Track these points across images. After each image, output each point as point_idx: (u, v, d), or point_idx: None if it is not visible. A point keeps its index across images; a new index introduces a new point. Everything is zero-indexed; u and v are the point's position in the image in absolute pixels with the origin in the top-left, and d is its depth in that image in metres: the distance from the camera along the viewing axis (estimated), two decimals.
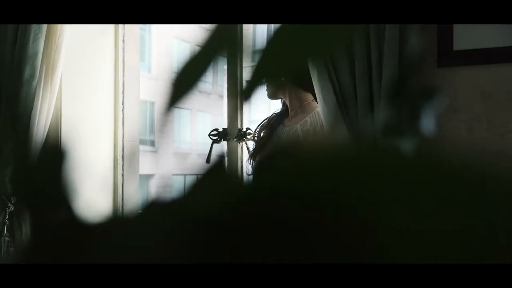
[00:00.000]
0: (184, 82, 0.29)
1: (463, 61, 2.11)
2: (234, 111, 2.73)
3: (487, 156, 0.26)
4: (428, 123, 0.38)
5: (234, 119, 2.73)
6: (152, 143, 16.15)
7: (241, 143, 2.71)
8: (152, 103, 15.97)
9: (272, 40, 0.29)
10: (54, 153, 0.30)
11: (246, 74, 2.84)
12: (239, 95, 2.71)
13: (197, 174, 0.26)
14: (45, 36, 2.56)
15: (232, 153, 2.74)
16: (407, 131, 0.37)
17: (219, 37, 0.29)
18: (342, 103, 2.07)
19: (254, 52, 0.31)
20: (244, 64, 2.79)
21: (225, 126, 2.71)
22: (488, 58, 2.08)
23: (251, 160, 2.37)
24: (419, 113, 0.38)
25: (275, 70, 0.30)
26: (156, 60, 16.40)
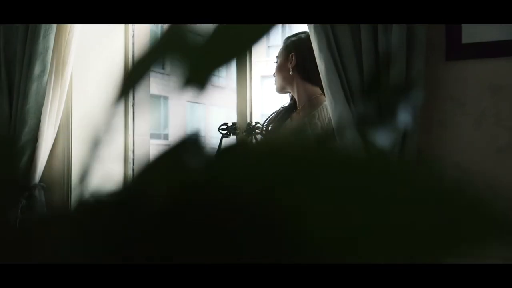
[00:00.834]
0: (132, 77, 0.30)
1: (471, 54, 2.10)
2: (243, 105, 2.74)
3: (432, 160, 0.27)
4: (404, 117, 0.39)
5: (244, 113, 2.74)
6: (166, 137, 16.20)
7: (250, 137, 2.72)
8: (166, 98, 16.02)
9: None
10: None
11: (257, 68, 2.85)
12: (247, 89, 2.72)
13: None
14: (55, 32, 2.59)
15: None
16: (383, 124, 0.37)
17: (169, 38, 0.30)
18: (349, 97, 2.07)
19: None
20: (254, 59, 2.80)
21: (248, 120, 2.72)
22: (496, 51, 2.07)
23: None
24: (395, 107, 0.38)
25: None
26: None
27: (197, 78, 0.29)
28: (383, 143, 0.31)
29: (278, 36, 2.62)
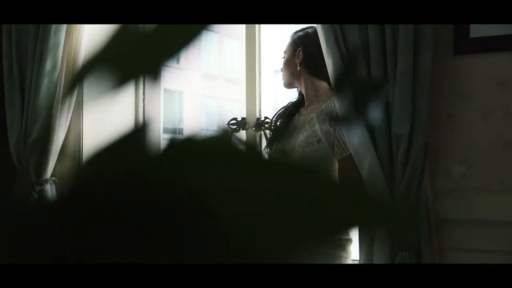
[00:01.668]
0: (79, 76, 0.31)
1: (479, 48, 2.09)
2: (253, 100, 2.75)
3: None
4: (374, 113, 0.39)
5: (253, 108, 2.75)
6: (181, 132, 16.24)
7: (259, 132, 2.73)
8: (181, 93, 16.06)
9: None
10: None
11: (270, 63, 2.86)
12: (257, 83, 2.73)
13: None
14: (66, 29, 2.61)
15: (250, 141, 2.76)
16: (354, 120, 0.38)
17: (119, 37, 0.31)
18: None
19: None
20: (263, 54, 2.81)
21: (257, 115, 2.73)
22: (504, 45, 2.06)
23: (268, 149, 2.39)
24: (365, 103, 0.39)
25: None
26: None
27: (148, 70, 0.30)
28: (355, 136, 0.32)
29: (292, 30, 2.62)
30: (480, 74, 2.09)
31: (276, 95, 2.98)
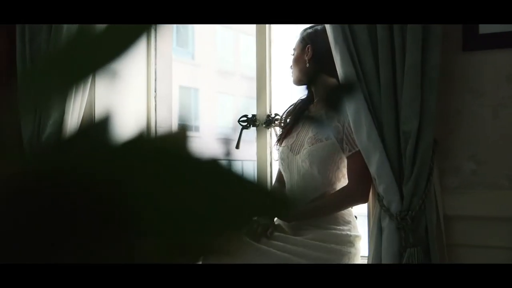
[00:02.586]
0: (32, 75, 0.32)
1: (489, 44, 2.08)
2: (263, 97, 2.76)
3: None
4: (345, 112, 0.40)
5: (264, 105, 2.76)
6: (197, 129, 16.30)
7: (269, 129, 2.74)
8: (196, 90, 16.11)
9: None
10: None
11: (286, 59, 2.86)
12: (267, 80, 2.74)
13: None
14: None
15: (260, 139, 2.77)
16: (325, 119, 0.39)
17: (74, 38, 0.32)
18: (365, 88, 2.08)
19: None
20: (273, 50, 2.82)
21: (267, 112, 2.75)
22: None
23: (278, 146, 2.40)
24: (338, 104, 0.40)
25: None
26: (200, 47, 16.50)
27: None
28: (325, 135, 0.33)
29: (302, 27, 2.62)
30: (490, 70, 2.09)
31: (292, 92, 2.99)
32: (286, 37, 2.94)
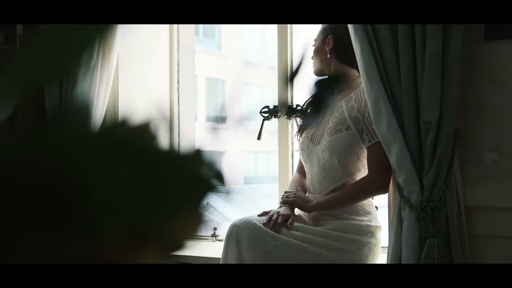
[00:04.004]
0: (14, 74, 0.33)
1: (510, 34, 2.06)
2: (285, 88, 2.76)
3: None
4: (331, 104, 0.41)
5: (285, 96, 2.76)
6: (224, 120, 16.31)
7: (291, 120, 2.75)
8: (223, 81, 16.12)
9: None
10: None
11: (296, 51, 2.86)
12: (288, 73, 2.74)
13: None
14: None
15: (282, 129, 2.78)
16: (311, 113, 0.40)
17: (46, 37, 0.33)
18: (385, 79, 2.07)
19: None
20: (295, 42, 2.82)
21: (295, 103, 2.76)
22: None
23: (298, 136, 2.41)
24: (324, 98, 0.40)
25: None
26: (226, 39, 16.50)
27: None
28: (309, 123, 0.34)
29: None
30: None
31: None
32: (307, 27, 2.94)
